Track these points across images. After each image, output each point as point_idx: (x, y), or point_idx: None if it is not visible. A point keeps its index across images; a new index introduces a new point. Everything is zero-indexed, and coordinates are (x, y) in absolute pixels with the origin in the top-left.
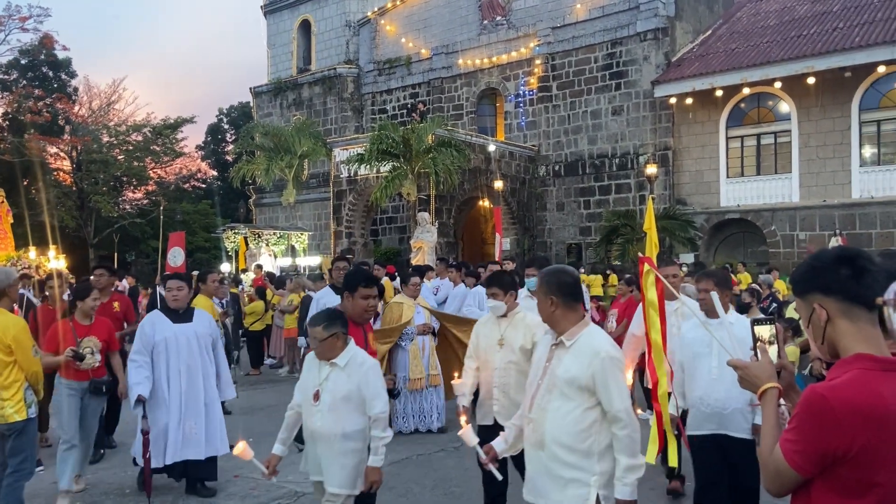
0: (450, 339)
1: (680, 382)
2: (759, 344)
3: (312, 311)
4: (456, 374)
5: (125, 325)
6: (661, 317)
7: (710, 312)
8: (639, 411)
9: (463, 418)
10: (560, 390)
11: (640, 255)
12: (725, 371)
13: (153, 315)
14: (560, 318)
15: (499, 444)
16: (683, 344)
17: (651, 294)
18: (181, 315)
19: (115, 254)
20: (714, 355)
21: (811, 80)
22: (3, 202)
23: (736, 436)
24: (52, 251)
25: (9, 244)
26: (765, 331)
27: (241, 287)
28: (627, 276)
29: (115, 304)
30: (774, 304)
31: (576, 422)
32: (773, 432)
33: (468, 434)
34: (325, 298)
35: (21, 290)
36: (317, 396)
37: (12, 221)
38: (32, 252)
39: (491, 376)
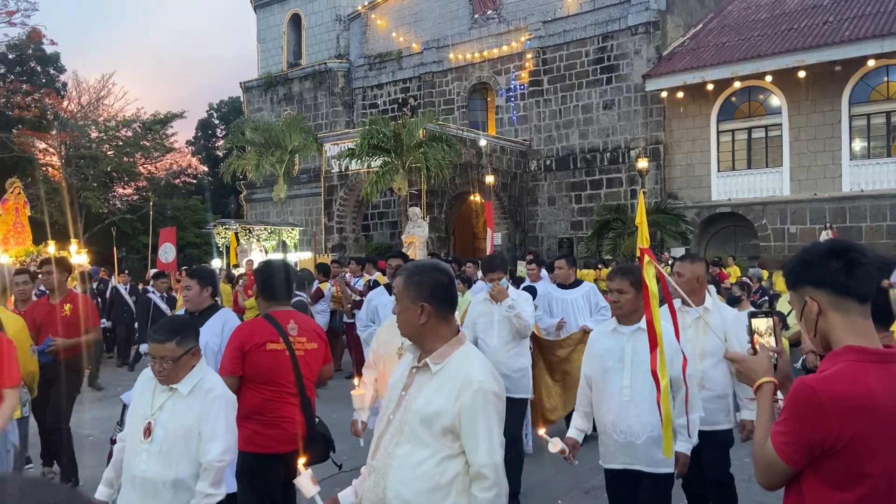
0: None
1: (586, 401)
2: (755, 337)
3: (363, 314)
4: (356, 382)
5: (84, 331)
6: (671, 307)
7: (623, 318)
8: (542, 433)
9: (303, 461)
10: (414, 431)
11: (640, 247)
12: (640, 392)
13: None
14: (429, 332)
15: (346, 498)
16: (592, 356)
17: (653, 285)
18: (196, 318)
19: (114, 249)
20: (626, 372)
21: (802, 74)
22: (19, 194)
23: (648, 471)
24: (73, 245)
25: (26, 238)
26: (762, 323)
27: (240, 282)
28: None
29: (66, 308)
30: (765, 298)
31: (430, 476)
32: (766, 426)
33: (305, 482)
34: (380, 300)
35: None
36: (148, 431)
37: (30, 214)
38: (52, 246)
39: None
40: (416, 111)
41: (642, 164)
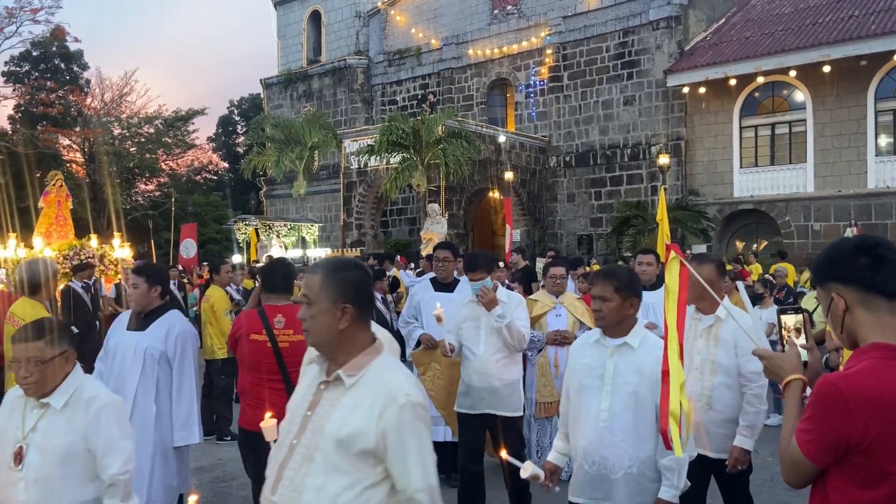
0: None
1: (564, 416)
2: (784, 333)
3: (405, 310)
4: (268, 414)
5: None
6: (681, 303)
7: (607, 330)
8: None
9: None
10: (328, 457)
11: (666, 242)
12: (620, 417)
13: (123, 315)
14: (348, 339)
15: None
16: (570, 369)
17: (671, 280)
18: (142, 319)
19: (151, 242)
20: (605, 392)
21: (827, 69)
22: (61, 186)
23: None
24: (116, 239)
25: (69, 231)
26: (791, 320)
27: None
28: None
29: None
30: (791, 298)
31: None
32: (793, 424)
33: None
34: (424, 296)
35: (74, 283)
36: (19, 457)
37: (72, 207)
38: (94, 240)
39: None
40: (435, 107)
41: (663, 160)
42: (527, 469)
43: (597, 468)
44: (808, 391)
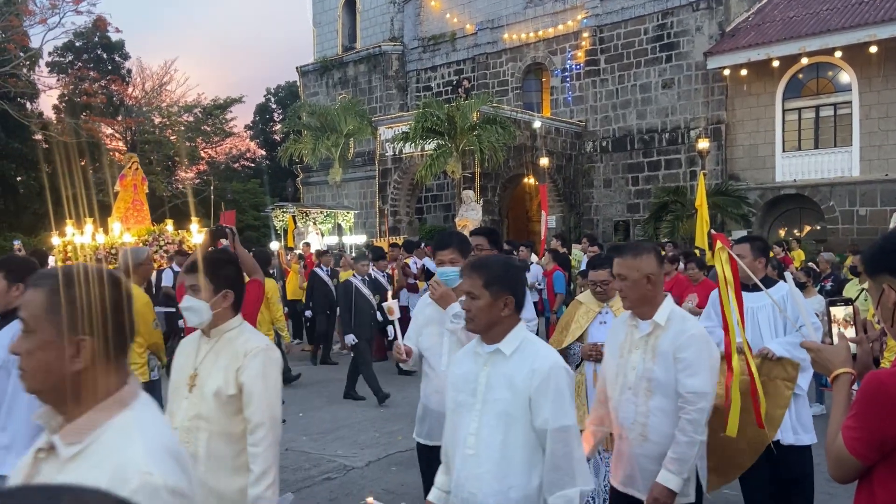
0: None
1: (445, 441)
2: (833, 325)
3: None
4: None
5: None
6: (737, 293)
7: (479, 333)
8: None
9: None
10: None
11: (712, 231)
12: (487, 444)
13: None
14: (84, 387)
15: None
16: (448, 382)
17: (727, 271)
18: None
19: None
20: (475, 412)
21: (873, 49)
22: (137, 169)
23: None
24: (194, 224)
25: (145, 216)
26: (840, 312)
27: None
28: (671, 254)
29: None
30: (830, 284)
31: None
32: (840, 419)
33: None
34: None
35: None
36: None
37: (147, 192)
38: (170, 225)
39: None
40: (469, 93)
41: (703, 144)
42: None
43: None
44: (857, 385)
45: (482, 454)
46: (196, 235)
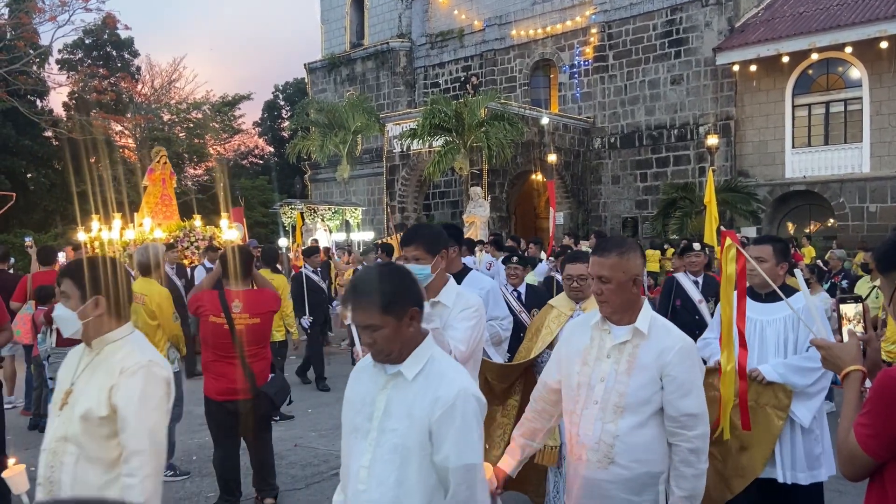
0: None
1: (342, 466)
2: (844, 323)
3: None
4: (13, 461)
5: None
6: (741, 293)
7: (379, 355)
8: None
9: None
10: None
11: (722, 228)
12: (379, 479)
13: None
14: None
15: None
16: (345, 399)
17: (730, 269)
18: None
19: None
20: (370, 441)
21: (884, 45)
22: (166, 163)
23: None
24: (224, 220)
25: (174, 212)
26: (851, 309)
27: (334, 257)
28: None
29: None
30: (845, 281)
31: None
32: (852, 416)
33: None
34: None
35: (206, 263)
36: None
37: (176, 186)
38: (198, 220)
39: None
40: (477, 90)
41: (712, 140)
42: None
43: None
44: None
45: (374, 492)
46: (227, 232)
